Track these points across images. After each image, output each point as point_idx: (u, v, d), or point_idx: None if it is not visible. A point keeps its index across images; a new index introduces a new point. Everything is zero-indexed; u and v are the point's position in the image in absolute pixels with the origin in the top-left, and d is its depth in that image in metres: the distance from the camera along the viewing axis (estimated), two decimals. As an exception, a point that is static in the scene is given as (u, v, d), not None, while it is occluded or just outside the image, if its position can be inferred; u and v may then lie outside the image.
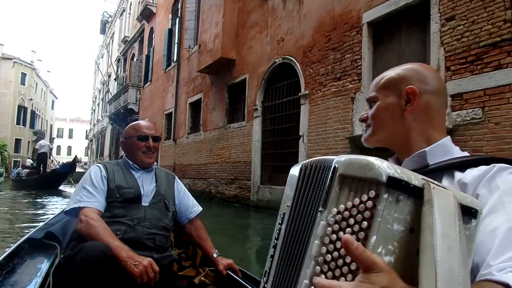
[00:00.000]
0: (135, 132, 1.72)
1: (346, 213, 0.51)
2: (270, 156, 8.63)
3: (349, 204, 0.51)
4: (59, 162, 21.29)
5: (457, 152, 0.78)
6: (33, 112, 42.90)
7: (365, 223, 0.48)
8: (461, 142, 4.35)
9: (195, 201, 1.87)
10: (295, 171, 0.75)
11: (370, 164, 0.50)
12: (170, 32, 15.77)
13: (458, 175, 0.71)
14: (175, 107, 14.36)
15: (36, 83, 44.05)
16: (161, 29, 17.05)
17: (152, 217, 1.59)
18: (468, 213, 0.49)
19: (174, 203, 1.74)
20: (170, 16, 16.20)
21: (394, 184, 0.47)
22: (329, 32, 6.91)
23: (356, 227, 0.49)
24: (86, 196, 1.53)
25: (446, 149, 0.78)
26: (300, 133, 7.36)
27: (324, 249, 0.52)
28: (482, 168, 0.68)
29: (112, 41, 30.61)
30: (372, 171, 0.49)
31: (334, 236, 0.51)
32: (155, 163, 1.79)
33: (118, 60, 26.58)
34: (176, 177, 1.86)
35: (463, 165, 0.72)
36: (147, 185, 1.67)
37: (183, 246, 1.90)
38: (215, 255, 1.74)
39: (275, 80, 8.67)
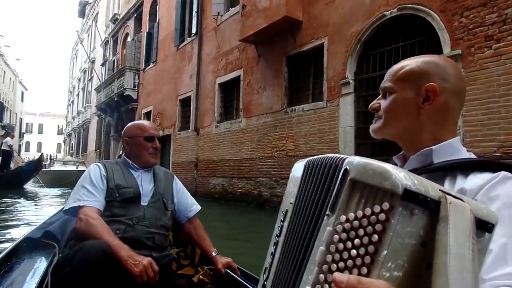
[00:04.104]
0: (142, 132, 1.71)
1: (356, 222, 0.48)
2: (372, 148, 6.27)
3: (360, 213, 0.48)
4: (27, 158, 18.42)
5: (464, 154, 0.76)
6: (0, 104, 38.39)
7: (375, 237, 0.45)
8: None
9: (194, 200, 1.89)
10: (299, 166, 0.72)
11: (386, 172, 0.46)
12: (184, 1, 13.09)
13: (459, 182, 0.68)
14: (197, 90, 11.70)
15: (4, 72, 39.45)
16: (169, -1, 14.27)
17: (151, 216, 1.60)
18: (484, 228, 0.47)
19: (172, 202, 1.75)
20: (183, -18, 13.46)
21: (410, 197, 0.44)
22: (503, -40, 4.63)
23: (366, 239, 0.46)
24: (86, 195, 1.53)
25: (453, 149, 0.76)
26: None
27: (329, 257, 0.50)
28: (486, 176, 0.66)
29: (96, 22, 27.13)
30: (388, 180, 0.46)
31: (341, 245, 0.49)
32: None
33: (106, 43, 23.34)
34: (175, 176, 1.88)
35: (468, 166, 0.70)
36: (146, 185, 1.68)
37: (181, 245, 1.89)
38: (213, 254, 1.74)
39: (379, 41, 6.30)
